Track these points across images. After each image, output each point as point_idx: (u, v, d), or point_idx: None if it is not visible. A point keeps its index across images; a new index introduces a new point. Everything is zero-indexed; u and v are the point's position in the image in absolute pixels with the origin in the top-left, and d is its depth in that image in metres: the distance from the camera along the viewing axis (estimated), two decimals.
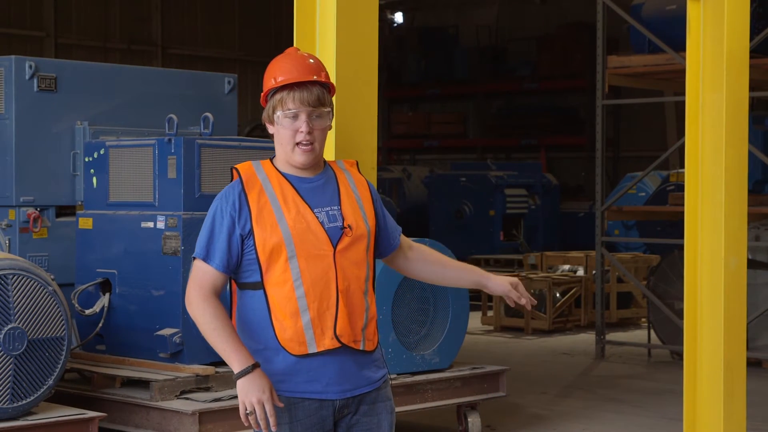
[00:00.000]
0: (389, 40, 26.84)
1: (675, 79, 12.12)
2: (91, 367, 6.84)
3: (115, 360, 6.90)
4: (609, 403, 9.15)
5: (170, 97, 8.04)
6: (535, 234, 18.15)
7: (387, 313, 7.12)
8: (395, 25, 28.06)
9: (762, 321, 10.46)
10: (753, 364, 9.64)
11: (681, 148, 8.67)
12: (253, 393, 3.34)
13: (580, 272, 14.03)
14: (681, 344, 5.70)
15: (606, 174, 14.11)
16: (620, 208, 12.77)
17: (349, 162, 3.70)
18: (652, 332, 11.60)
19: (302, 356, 3.44)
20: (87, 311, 6.98)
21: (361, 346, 3.51)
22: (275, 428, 3.37)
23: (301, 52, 3.63)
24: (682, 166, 13.54)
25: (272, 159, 3.58)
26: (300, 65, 3.53)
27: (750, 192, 6.51)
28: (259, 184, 3.49)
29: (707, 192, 5.47)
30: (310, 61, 3.57)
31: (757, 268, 10.55)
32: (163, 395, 6.38)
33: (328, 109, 3.55)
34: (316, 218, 3.48)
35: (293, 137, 3.49)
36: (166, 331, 6.68)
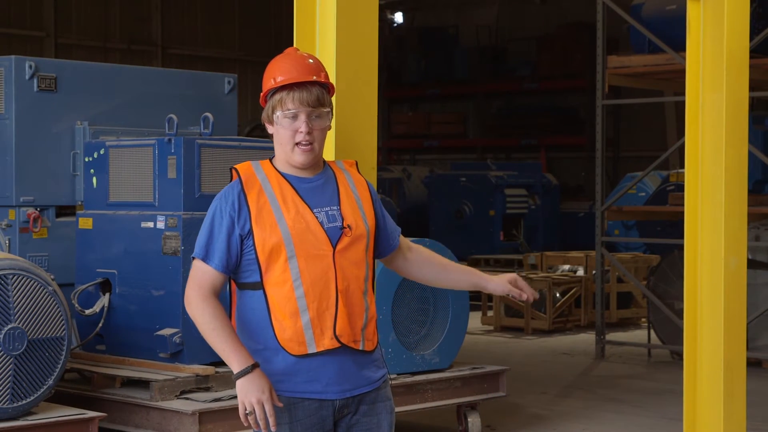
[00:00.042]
0: (389, 40, 26.83)
1: (675, 79, 12.12)
2: (91, 367, 6.84)
3: (115, 360, 6.90)
4: (609, 403, 9.15)
5: (170, 97, 8.04)
6: (535, 234, 18.15)
7: (387, 313, 7.12)
8: (395, 25, 28.05)
9: (762, 321, 10.45)
10: (753, 364, 9.64)
11: (681, 148, 8.66)
12: (252, 393, 3.34)
13: (580, 272, 14.02)
14: (681, 344, 5.70)
15: (606, 174, 14.11)
16: (620, 208, 12.77)
17: (349, 162, 3.70)
18: (652, 332, 11.59)
19: (302, 356, 3.44)
20: (87, 311, 6.98)
21: (360, 346, 3.51)
22: (275, 428, 3.37)
23: (300, 52, 3.63)
24: (682, 166, 13.53)
25: (272, 159, 3.58)
26: (299, 65, 3.53)
27: (750, 192, 6.50)
28: (259, 184, 3.49)
29: (707, 192, 5.47)
30: (310, 61, 3.57)
31: (757, 268, 10.54)
32: (163, 395, 6.38)
33: (328, 109, 3.55)
34: (316, 218, 3.48)
35: (293, 137, 3.49)
36: (166, 331, 6.68)
